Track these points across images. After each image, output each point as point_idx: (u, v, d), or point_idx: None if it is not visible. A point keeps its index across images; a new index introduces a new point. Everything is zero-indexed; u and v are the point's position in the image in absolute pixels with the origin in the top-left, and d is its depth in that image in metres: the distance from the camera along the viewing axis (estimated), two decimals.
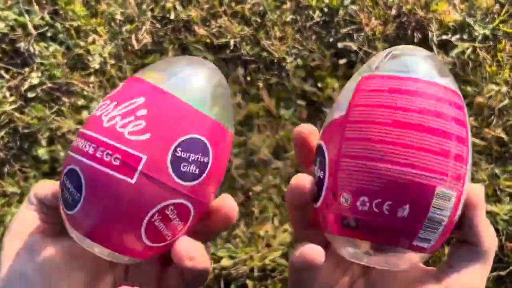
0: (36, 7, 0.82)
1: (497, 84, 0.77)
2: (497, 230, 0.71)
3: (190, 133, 0.25)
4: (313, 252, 0.23)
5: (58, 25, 0.82)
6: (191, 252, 0.24)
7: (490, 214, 0.71)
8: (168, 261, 0.26)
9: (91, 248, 0.25)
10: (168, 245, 0.25)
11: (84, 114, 0.78)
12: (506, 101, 0.76)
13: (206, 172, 0.25)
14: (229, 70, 0.79)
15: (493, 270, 0.70)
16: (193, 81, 0.27)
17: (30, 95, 0.79)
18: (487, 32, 0.79)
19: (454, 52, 0.78)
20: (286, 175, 0.73)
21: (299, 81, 0.78)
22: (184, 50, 0.81)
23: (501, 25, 0.79)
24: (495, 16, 0.80)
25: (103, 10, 0.83)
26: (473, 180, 0.74)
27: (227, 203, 0.27)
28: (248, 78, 0.79)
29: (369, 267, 0.28)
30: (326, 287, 0.28)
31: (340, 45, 0.80)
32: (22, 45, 0.80)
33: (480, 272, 0.25)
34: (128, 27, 0.82)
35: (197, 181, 0.25)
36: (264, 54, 0.80)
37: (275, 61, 0.79)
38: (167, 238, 0.25)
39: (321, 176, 0.25)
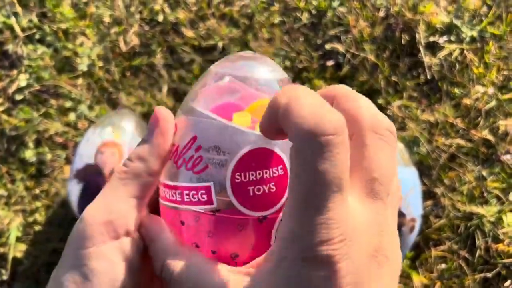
0: (19, 9, 0.82)
1: (484, 85, 0.77)
2: (483, 232, 0.71)
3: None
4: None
5: (46, 27, 0.82)
6: None
7: (477, 216, 0.71)
8: None
9: None
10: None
11: (72, 116, 0.78)
12: (493, 103, 0.76)
13: None
14: None
15: (479, 272, 0.70)
16: None
17: (18, 97, 0.79)
18: (475, 34, 0.79)
19: (441, 54, 0.78)
20: None
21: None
22: (172, 52, 0.81)
23: (488, 27, 0.79)
24: (483, 18, 0.80)
25: (92, 13, 0.83)
26: (461, 182, 0.74)
27: None
28: None
29: None
30: None
31: (327, 47, 0.80)
32: (10, 47, 0.80)
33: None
34: (116, 29, 0.82)
35: None
36: None
37: None
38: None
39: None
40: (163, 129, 0.26)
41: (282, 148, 0.24)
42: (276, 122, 0.21)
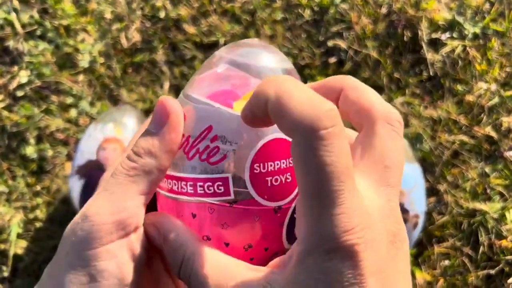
0: (20, 5, 0.81)
1: (486, 82, 0.77)
2: (486, 228, 0.71)
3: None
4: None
5: (47, 23, 0.81)
6: None
7: (480, 213, 0.71)
8: None
9: None
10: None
11: (73, 112, 0.78)
12: (496, 99, 0.76)
13: None
14: None
15: (482, 268, 0.70)
16: None
17: (19, 93, 0.78)
18: (477, 30, 0.79)
19: (444, 51, 0.78)
20: None
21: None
22: (174, 49, 0.81)
23: (491, 24, 0.79)
24: (485, 14, 0.80)
25: (93, 9, 0.82)
26: (464, 178, 0.74)
27: None
28: None
29: None
30: None
31: (330, 43, 0.80)
32: (11, 43, 0.80)
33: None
34: (117, 25, 0.82)
35: None
36: None
37: None
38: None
39: None
40: (174, 123, 0.24)
41: None
42: (263, 113, 0.20)
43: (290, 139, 0.20)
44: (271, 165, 0.23)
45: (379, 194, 0.21)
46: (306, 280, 0.19)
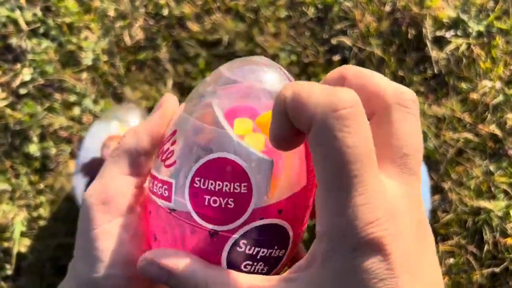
0: (23, 2, 0.81)
1: (491, 80, 0.77)
2: (491, 226, 0.71)
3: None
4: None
5: (50, 21, 0.81)
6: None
7: (484, 211, 0.71)
8: None
9: None
10: None
11: (76, 110, 0.77)
12: (500, 97, 0.75)
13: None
14: None
15: (487, 266, 0.70)
16: None
17: (22, 91, 0.78)
18: (481, 28, 0.79)
19: (448, 49, 0.78)
20: None
21: (293, 77, 0.78)
22: (177, 46, 0.81)
23: (495, 22, 0.79)
24: (489, 12, 0.80)
25: (96, 7, 0.82)
26: (469, 176, 0.74)
27: None
28: None
29: None
30: None
31: (334, 41, 0.79)
32: (14, 41, 0.80)
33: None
34: (121, 23, 0.82)
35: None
36: (258, 50, 0.79)
37: (269, 57, 0.79)
38: None
39: None
40: (162, 110, 0.26)
41: (252, 167, 0.22)
42: (286, 119, 0.19)
43: (247, 167, 0.20)
44: (211, 184, 0.22)
45: (401, 182, 0.20)
46: (333, 281, 0.18)
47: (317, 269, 0.19)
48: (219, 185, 0.22)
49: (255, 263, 0.23)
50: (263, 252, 0.23)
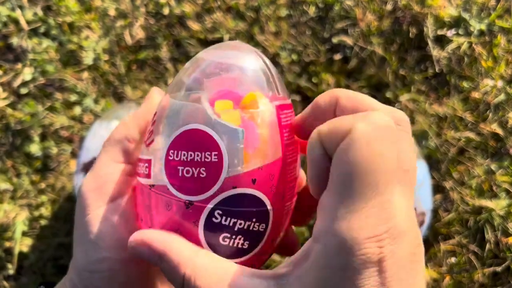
0: (24, 2, 0.81)
1: (492, 79, 0.76)
2: (492, 226, 0.71)
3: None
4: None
5: (51, 20, 0.81)
6: None
7: (486, 210, 0.71)
8: None
9: None
10: None
11: (77, 110, 0.77)
12: (502, 96, 0.75)
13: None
14: None
15: (489, 265, 0.70)
16: None
17: (23, 91, 0.78)
18: (483, 27, 0.78)
19: (449, 47, 0.78)
20: None
21: (294, 76, 0.78)
22: (178, 45, 0.81)
23: (496, 20, 0.78)
24: (491, 11, 0.79)
25: (97, 6, 0.82)
26: (470, 175, 0.74)
27: None
28: None
29: None
30: None
31: (335, 40, 0.79)
32: (14, 40, 0.80)
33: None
34: (121, 22, 0.82)
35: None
36: (258, 49, 0.79)
37: (270, 56, 0.79)
38: None
39: None
40: (148, 102, 0.28)
41: (222, 137, 0.22)
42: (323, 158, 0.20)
43: (216, 136, 0.21)
44: (184, 155, 0.23)
45: (405, 199, 0.20)
46: (321, 285, 0.18)
47: (309, 268, 0.19)
48: (191, 155, 0.23)
49: (234, 236, 0.23)
50: (240, 224, 0.22)
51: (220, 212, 0.22)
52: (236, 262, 0.22)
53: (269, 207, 0.23)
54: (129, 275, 0.25)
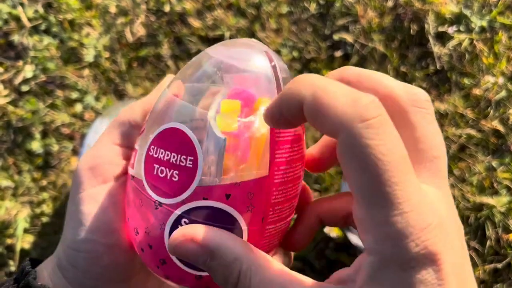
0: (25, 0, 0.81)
1: (493, 76, 0.76)
2: (493, 222, 0.71)
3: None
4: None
5: (52, 18, 0.81)
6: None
7: (487, 207, 0.71)
8: None
9: None
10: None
11: (78, 107, 0.77)
12: (503, 93, 0.75)
13: None
14: None
15: (489, 262, 0.70)
16: None
17: (24, 88, 0.78)
18: (484, 23, 0.78)
19: (450, 44, 0.77)
20: None
21: (295, 73, 0.78)
22: (179, 43, 0.80)
23: (498, 17, 0.78)
24: (492, 7, 0.79)
25: (97, 3, 0.82)
26: (471, 172, 0.74)
27: None
28: None
29: None
30: None
31: (336, 37, 0.79)
32: (15, 38, 0.80)
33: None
34: (122, 20, 0.82)
35: None
36: None
37: None
38: None
39: None
40: (158, 88, 0.27)
41: (202, 142, 0.21)
42: (294, 114, 0.18)
43: (196, 141, 0.20)
44: (161, 153, 0.22)
45: (436, 187, 0.19)
46: None
47: (365, 282, 0.18)
48: (167, 155, 0.22)
49: None
50: None
51: (187, 221, 0.21)
52: (203, 277, 0.22)
53: (243, 227, 0.22)
54: (113, 259, 0.25)
